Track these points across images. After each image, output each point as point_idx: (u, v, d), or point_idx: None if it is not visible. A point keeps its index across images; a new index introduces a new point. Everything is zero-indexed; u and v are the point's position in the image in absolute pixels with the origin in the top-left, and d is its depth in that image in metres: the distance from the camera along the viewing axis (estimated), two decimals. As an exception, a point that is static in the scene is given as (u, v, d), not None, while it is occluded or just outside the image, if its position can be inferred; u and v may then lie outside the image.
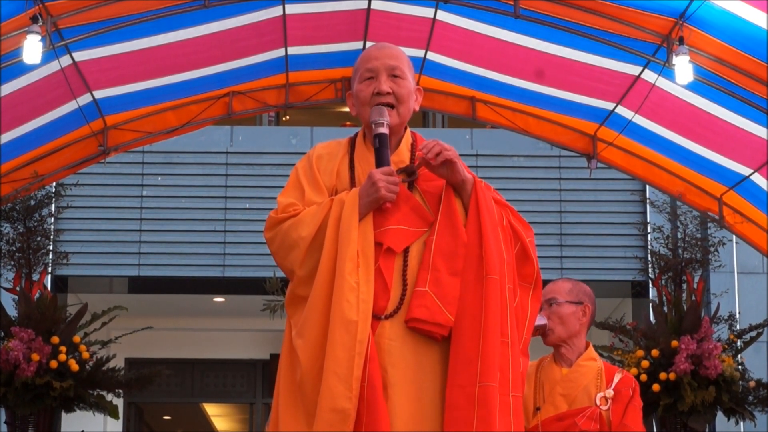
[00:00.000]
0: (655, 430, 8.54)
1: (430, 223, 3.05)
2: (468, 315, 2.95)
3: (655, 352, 8.10)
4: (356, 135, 3.27)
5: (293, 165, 3.26)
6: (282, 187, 3.21)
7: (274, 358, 11.10)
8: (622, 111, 8.04)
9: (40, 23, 6.59)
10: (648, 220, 10.69)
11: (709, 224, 8.73)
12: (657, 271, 8.60)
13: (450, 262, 2.99)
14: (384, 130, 3.11)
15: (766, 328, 8.53)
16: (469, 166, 3.21)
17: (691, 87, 7.33)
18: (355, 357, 2.87)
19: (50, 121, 7.84)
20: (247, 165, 11.65)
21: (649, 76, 7.56)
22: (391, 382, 2.90)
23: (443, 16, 7.58)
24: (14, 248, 8.20)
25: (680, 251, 8.55)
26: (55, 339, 7.86)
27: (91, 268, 11.35)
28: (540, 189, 11.62)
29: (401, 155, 3.19)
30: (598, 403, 4.04)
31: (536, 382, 4.19)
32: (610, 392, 4.07)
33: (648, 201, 10.15)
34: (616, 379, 4.12)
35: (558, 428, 4.02)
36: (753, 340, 8.50)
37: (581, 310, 4.25)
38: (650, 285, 10.11)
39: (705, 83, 7.27)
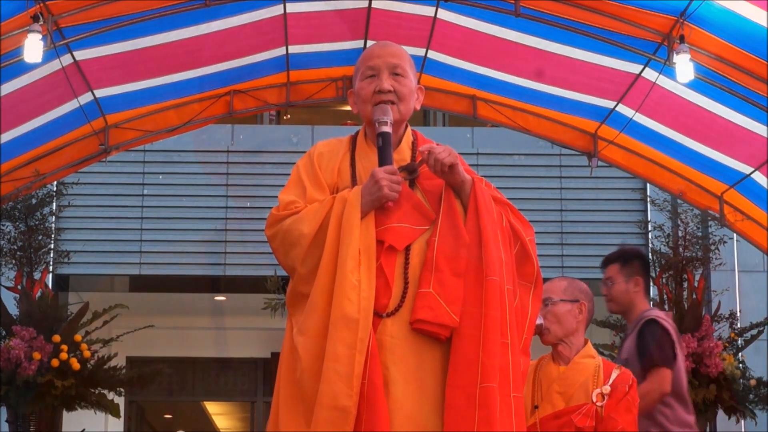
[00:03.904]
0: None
1: (431, 220, 3.06)
2: (468, 316, 2.96)
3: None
4: (357, 133, 3.28)
5: (294, 164, 3.26)
6: (283, 185, 3.21)
7: (275, 356, 11.12)
8: (623, 109, 8.04)
9: (41, 22, 6.59)
10: (649, 219, 10.69)
11: (710, 222, 8.73)
12: (658, 269, 8.60)
13: (452, 262, 2.99)
14: (387, 128, 3.12)
15: (766, 327, 8.54)
16: (470, 165, 3.21)
17: (692, 85, 7.34)
18: (356, 354, 2.87)
19: (51, 119, 7.85)
20: (248, 164, 11.65)
21: (649, 74, 7.56)
22: (392, 379, 2.91)
23: (444, 14, 7.59)
24: (15, 247, 8.21)
25: (681, 249, 8.56)
26: (57, 338, 7.86)
27: (92, 266, 11.36)
28: (541, 188, 11.62)
29: (402, 153, 3.19)
30: (594, 399, 4.04)
31: (534, 381, 4.19)
32: (607, 388, 4.07)
33: (649, 199, 10.15)
34: (613, 376, 4.12)
35: (555, 426, 4.02)
36: (754, 338, 8.51)
37: (577, 308, 4.26)
38: (651, 283, 10.11)
39: (706, 81, 7.27)
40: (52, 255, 8.49)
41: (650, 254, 8.89)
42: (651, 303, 6.53)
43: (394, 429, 2.88)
